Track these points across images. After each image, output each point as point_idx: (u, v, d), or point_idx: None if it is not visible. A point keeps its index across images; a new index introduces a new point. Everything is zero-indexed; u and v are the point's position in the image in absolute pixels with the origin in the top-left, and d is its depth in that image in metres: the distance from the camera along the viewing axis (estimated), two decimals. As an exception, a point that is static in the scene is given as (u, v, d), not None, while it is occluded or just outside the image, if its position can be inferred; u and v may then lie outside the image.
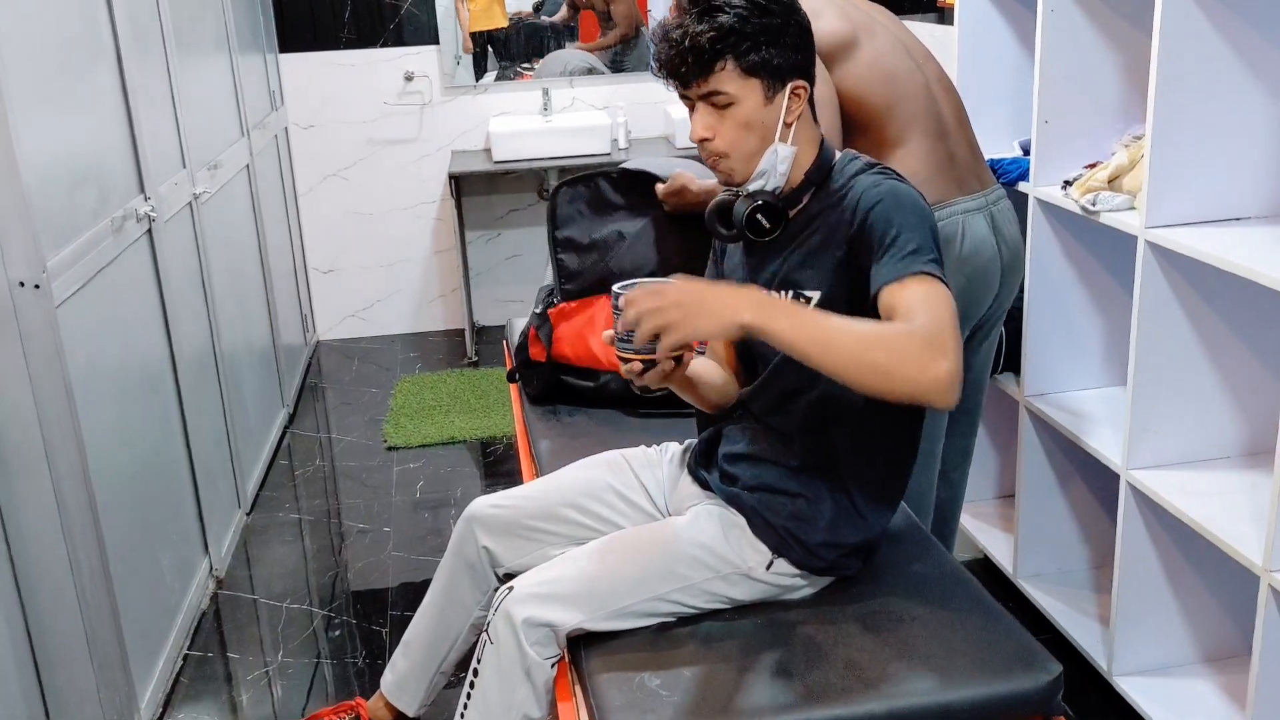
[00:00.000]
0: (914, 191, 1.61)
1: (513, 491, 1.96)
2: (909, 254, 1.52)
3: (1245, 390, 2.14)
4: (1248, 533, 1.90)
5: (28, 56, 2.07)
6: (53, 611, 2.14)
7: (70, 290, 2.14)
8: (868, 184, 1.62)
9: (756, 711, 1.46)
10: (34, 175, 2.02)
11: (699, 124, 1.65)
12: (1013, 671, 1.50)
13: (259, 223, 3.83)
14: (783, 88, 1.63)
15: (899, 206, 1.57)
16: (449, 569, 1.97)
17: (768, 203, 1.67)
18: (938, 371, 1.40)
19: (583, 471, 1.93)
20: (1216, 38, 1.94)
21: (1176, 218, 2.03)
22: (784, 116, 1.64)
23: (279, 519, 3.33)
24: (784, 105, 1.63)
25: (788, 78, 1.63)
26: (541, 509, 1.89)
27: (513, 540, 1.90)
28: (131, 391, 2.49)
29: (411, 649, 2.05)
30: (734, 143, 1.64)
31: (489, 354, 4.60)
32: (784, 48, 1.62)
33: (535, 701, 1.62)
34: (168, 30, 2.91)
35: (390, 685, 2.08)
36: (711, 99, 1.63)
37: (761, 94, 1.62)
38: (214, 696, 2.53)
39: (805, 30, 1.66)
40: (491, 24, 4.68)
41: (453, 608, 1.97)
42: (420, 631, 2.03)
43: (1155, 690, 2.21)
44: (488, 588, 1.94)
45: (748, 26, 1.59)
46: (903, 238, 1.54)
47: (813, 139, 1.70)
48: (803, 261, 1.68)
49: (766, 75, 1.62)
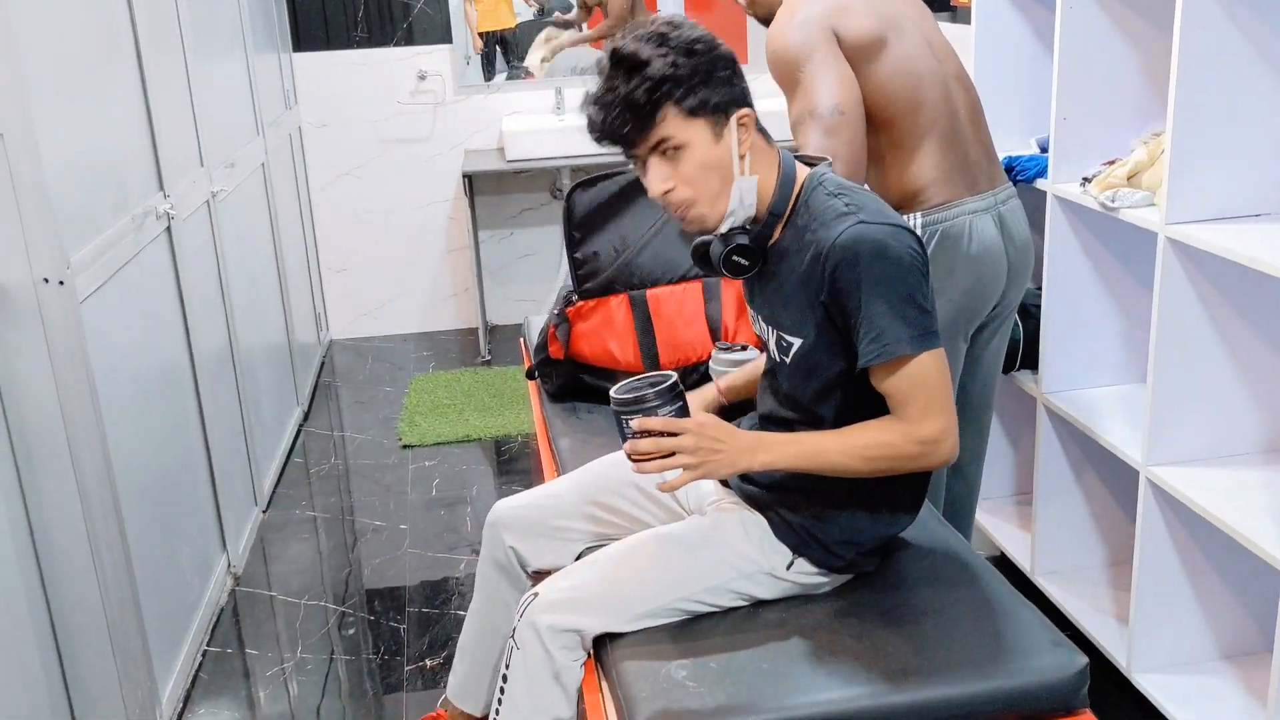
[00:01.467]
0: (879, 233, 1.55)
1: (535, 491, 1.97)
2: (875, 335, 1.54)
3: (1265, 386, 2.14)
4: (1269, 528, 1.90)
5: (51, 56, 2.08)
6: (76, 606, 2.15)
7: (93, 287, 2.15)
8: (832, 235, 1.56)
9: (783, 702, 1.46)
10: (57, 173, 2.03)
11: (654, 179, 1.61)
12: (1038, 664, 1.50)
13: (274, 221, 3.84)
14: (727, 121, 1.60)
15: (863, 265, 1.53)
16: (485, 572, 2.00)
17: (741, 244, 1.65)
18: (934, 458, 1.59)
19: (605, 470, 1.93)
20: (1236, 34, 1.94)
21: (1197, 214, 2.03)
22: (737, 149, 1.61)
23: (295, 516, 3.34)
24: (734, 138, 1.60)
25: (729, 110, 1.60)
26: (565, 508, 1.90)
27: (538, 540, 1.91)
28: (151, 388, 2.50)
29: (466, 653, 2.08)
30: (696, 187, 1.60)
31: (502, 353, 4.61)
32: (718, 83, 1.59)
33: (565, 702, 1.63)
34: (185, 30, 2.92)
35: (455, 690, 2.12)
36: (660, 150, 1.59)
37: (709, 133, 1.59)
38: (233, 692, 2.54)
39: (731, 60, 1.62)
40: (499, 24, 4.69)
41: (495, 609, 2.00)
42: (471, 635, 2.07)
43: (1175, 687, 2.21)
44: (524, 585, 1.95)
45: (679, 70, 1.55)
46: (873, 311, 1.53)
47: (770, 159, 1.66)
48: (784, 301, 1.67)
49: (709, 113, 1.58)
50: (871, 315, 1.53)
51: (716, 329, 2.41)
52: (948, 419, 1.57)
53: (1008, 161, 2.57)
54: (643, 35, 1.58)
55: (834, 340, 1.62)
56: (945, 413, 1.57)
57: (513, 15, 4.69)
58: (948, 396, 1.58)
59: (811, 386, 1.67)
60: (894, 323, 1.53)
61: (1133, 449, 2.22)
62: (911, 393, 1.56)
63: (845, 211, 1.58)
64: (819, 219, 1.60)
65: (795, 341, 1.65)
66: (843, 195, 1.61)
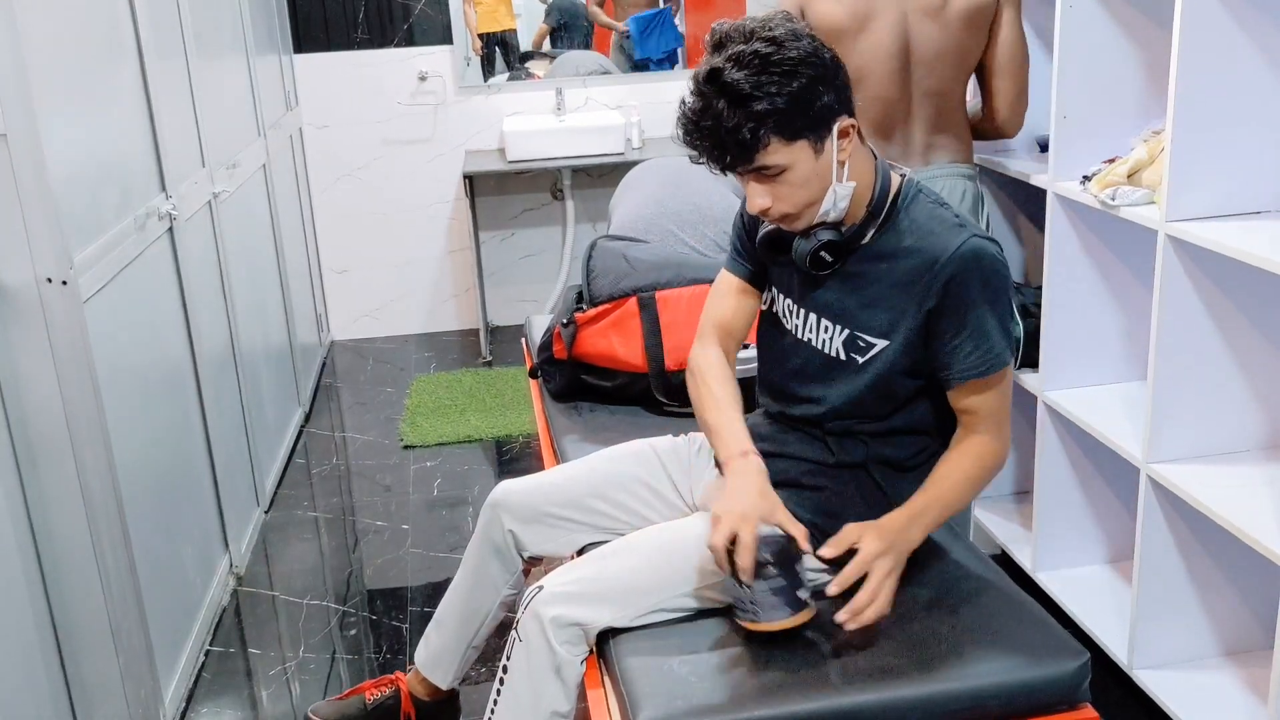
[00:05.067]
0: (993, 251, 1.62)
1: (539, 477, 1.98)
2: (986, 352, 1.61)
3: (1265, 383, 2.15)
4: (1270, 525, 1.90)
5: (54, 57, 2.09)
6: (79, 606, 2.15)
7: (95, 287, 2.16)
8: (951, 245, 1.59)
9: (785, 697, 1.47)
10: (60, 173, 2.03)
11: (755, 197, 1.61)
12: (1040, 659, 1.51)
13: (275, 222, 3.84)
14: (830, 133, 1.58)
15: (979, 282, 1.60)
16: (477, 551, 2.00)
17: (832, 241, 1.65)
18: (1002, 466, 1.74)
19: (611, 464, 1.94)
20: (1237, 31, 1.94)
21: (1197, 211, 2.03)
22: (837, 157, 1.60)
23: (297, 517, 3.34)
24: (834, 148, 1.59)
25: (831, 123, 1.58)
26: (568, 498, 1.90)
27: (538, 527, 1.92)
28: (154, 388, 2.50)
29: (444, 626, 2.09)
30: (795, 203, 1.61)
31: (503, 353, 4.62)
32: (818, 100, 1.56)
33: (564, 697, 1.63)
34: (187, 31, 2.93)
35: (424, 660, 2.12)
36: (762, 173, 1.59)
37: (811, 151, 1.57)
38: (236, 692, 2.55)
39: (829, 66, 1.58)
40: (498, 26, 4.70)
41: (482, 588, 2.00)
42: (451, 610, 2.07)
43: (1176, 683, 2.21)
44: (515, 568, 1.97)
45: (781, 104, 1.53)
46: (982, 325, 1.60)
47: (867, 166, 1.66)
48: (869, 302, 1.66)
49: (811, 133, 1.57)
50: (984, 328, 1.60)
51: None
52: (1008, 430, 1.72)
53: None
54: (745, 59, 1.52)
55: (915, 347, 1.65)
56: (1007, 422, 1.71)
57: (512, 16, 4.70)
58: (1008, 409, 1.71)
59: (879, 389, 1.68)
60: (995, 337, 1.61)
61: (1133, 446, 2.22)
62: (1000, 403, 1.67)
63: (959, 224, 1.63)
64: (927, 227, 1.62)
65: (878, 344, 1.66)
66: (948, 207, 1.67)
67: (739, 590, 1.55)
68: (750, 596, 1.53)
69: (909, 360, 1.65)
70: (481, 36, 4.65)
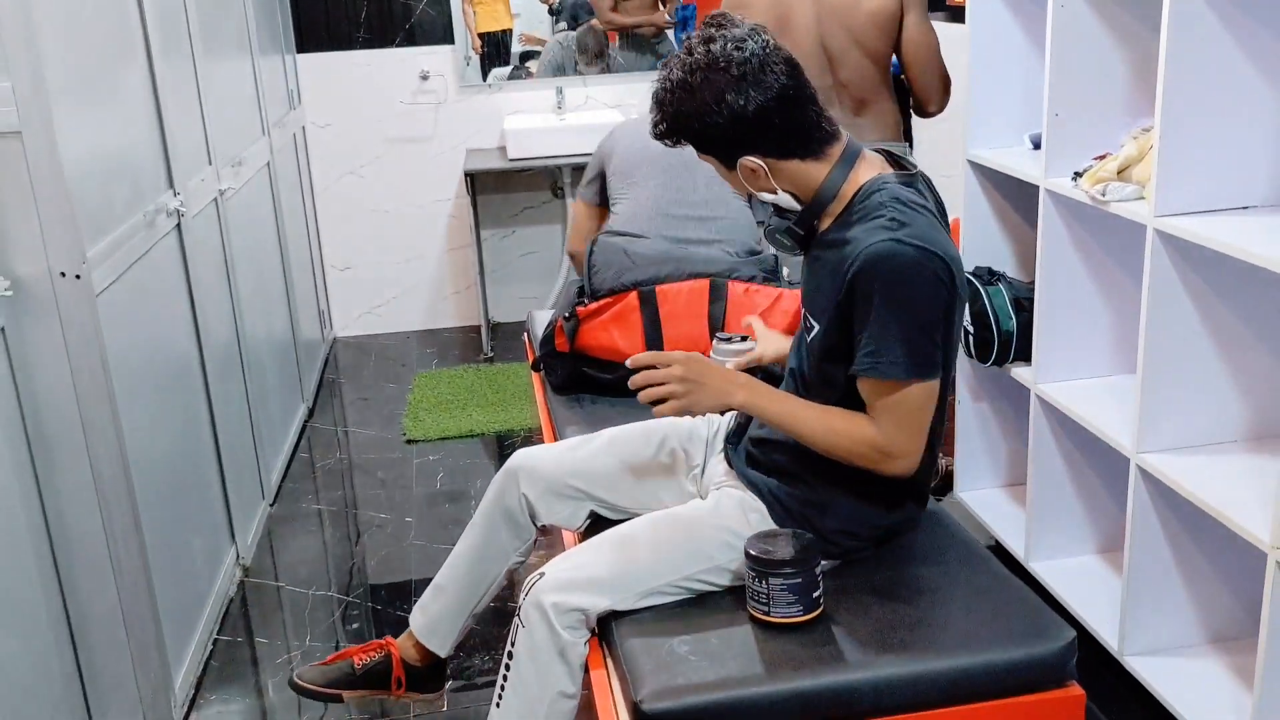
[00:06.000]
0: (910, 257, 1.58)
1: (558, 447, 2.02)
2: (880, 351, 1.60)
3: (1252, 375, 2.20)
4: (1255, 512, 1.95)
5: (66, 56, 2.13)
6: (91, 595, 2.20)
7: (106, 282, 2.20)
8: (865, 243, 1.61)
9: (784, 675, 1.52)
10: (73, 170, 2.08)
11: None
12: (1028, 638, 1.56)
13: (279, 219, 3.89)
14: (734, 165, 1.71)
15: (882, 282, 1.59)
16: (488, 516, 2.03)
17: (788, 226, 1.76)
18: (890, 470, 1.68)
19: (633, 444, 1.99)
20: (1222, 31, 1.99)
21: (1185, 206, 2.08)
22: (746, 185, 1.74)
23: (301, 510, 3.39)
24: (741, 178, 1.73)
25: (735, 158, 1.70)
26: (589, 473, 1.96)
27: (555, 497, 1.96)
28: (163, 382, 2.55)
29: (445, 592, 2.09)
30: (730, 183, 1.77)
31: (504, 350, 4.66)
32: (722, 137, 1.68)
33: (570, 678, 1.68)
34: (194, 31, 2.98)
35: (421, 626, 2.12)
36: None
37: (722, 166, 1.73)
38: (243, 680, 2.59)
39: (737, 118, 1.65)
40: (497, 25, 4.74)
41: (490, 554, 2.03)
42: (455, 576, 2.07)
43: (1164, 669, 2.26)
44: (528, 536, 2.00)
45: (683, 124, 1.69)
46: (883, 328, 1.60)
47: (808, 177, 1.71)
48: (816, 287, 1.75)
49: (716, 156, 1.72)
50: (877, 331, 1.60)
51: (717, 327, 2.47)
52: (915, 445, 1.66)
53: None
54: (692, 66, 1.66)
55: (837, 337, 1.69)
56: (915, 438, 1.65)
57: (510, 16, 4.74)
58: (923, 424, 1.66)
59: (819, 371, 1.74)
60: (895, 345, 1.59)
61: (1123, 437, 2.27)
62: (888, 410, 1.64)
63: (887, 225, 1.61)
64: (863, 223, 1.65)
65: (815, 326, 1.73)
66: (894, 208, 1.63)
67: (756, 583, 1.61)
68: (767, 589, 1.59)
69: (829, 344, 1.71)
70: (481, 35, 4.70)
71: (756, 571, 1.60)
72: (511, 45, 4.76)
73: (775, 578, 1.58)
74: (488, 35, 4.71)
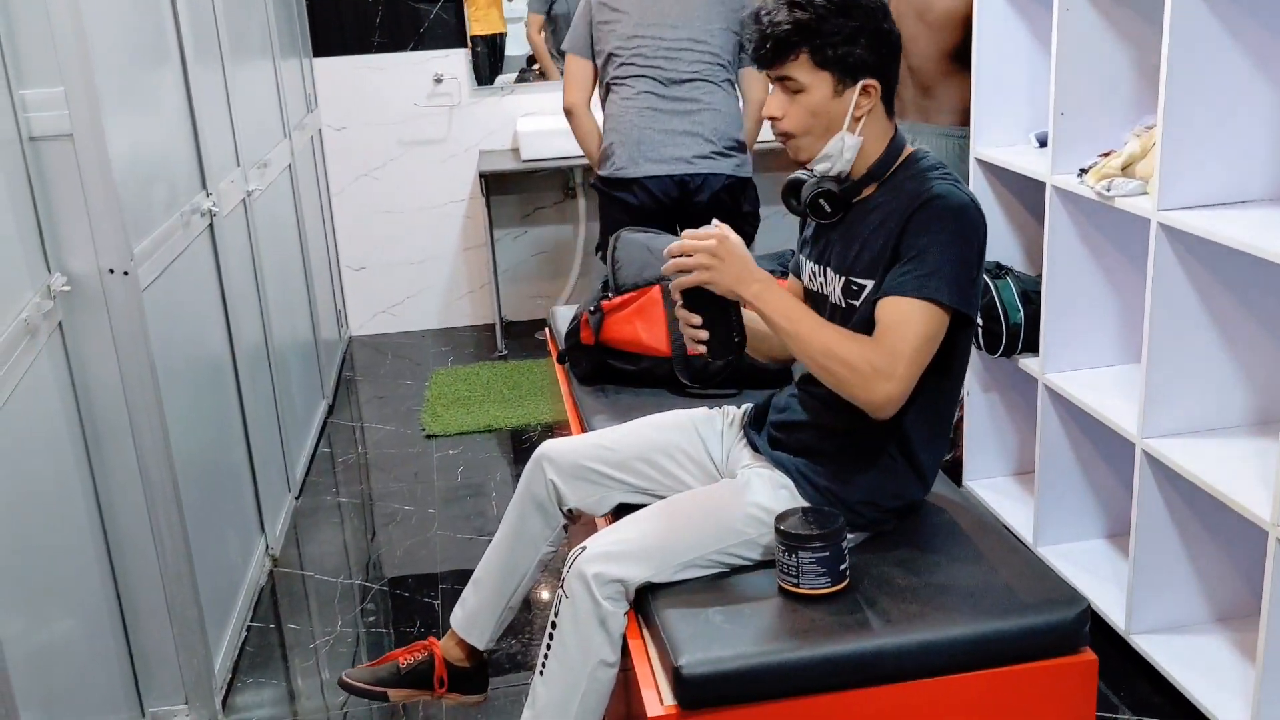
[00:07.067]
0: (965, 201, 1.73)
1: (584, 438, 2.10)
2: (922, 275, 1.70)
3: (1253, 362, 2.28)
4: (1257, 492, 2.03)
5: (110, 61, 2.22)
6: (139, 581, 2.28)
7: (149, 279, 2.28)
8: (923, 187, 1.74)
9: (815, 641, 1.61)
10: (119, 171, 2.16)
11: (772, 103, 1.80)
12: (1043, 607, 1.64)
13: (300, 220, 3.98)
14: (853, 84, 1.75)
15: (939, 217, 1.71)
16: (519, 506, 2.10)
17: (830, 190, 1.82)
18: (876, 395, 1.69)
19: (653, 431, 2.07)
20: (1223, 31, 2.08)
21: (1187, 201, 2.17)
22: (852, 110, 1.77)
23: (326, 502, 3.47)
24: (853, 100, 1.76)
25: (859, 75, 1.75)
26: (612, 458, 2.03)
27: (580, 482, 2.04)
28: (199, 376, 2.63)
29: (482, 585, 2.16)
30: (801, 126, 1.78)
31: (517, 348, 4.75)
32: (858, 48, 1.73)
33: (610, 648, 1.76)
34: (224, 36, 3.06)
35: (461, 622, 2.19)
36: (785, 83, 1.77)
37: (831, 87, 1.75)
38: (277, 664, 2.68)
39: (884, 35, 1.76)
40: (490, 29, 4.82)
41: (522, 544, 2.10)
42: (491, 569, 2.15)
43: (1171, 646, 2.35)
44: (556, 524, 2.08)
45: (825, 25, 1.72)
46: (929, 255, 1.70)
47: (882, 133, 1.81)
48: (861, 249, 1.81)
49: (838, 71, 1.74)
50: (927, 257, 1.70)
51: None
52: (909, 374, 1.69)
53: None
54: None
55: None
56: (912, 367, 1.69)
57: (503, 20, 4.82)
58: (924, 357, 1.71)
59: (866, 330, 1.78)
60: (947, 271, 1.69)
61: (1129, 423, 2.35)
62: (900, 328, 1.69)
63: (941, 178, 1.76)
64: (914, 180, 1.77)
65: (866, 284, 1.79)
66: (942, 168, 1.79)
67: (786, 557, 1.69)
68: (796, 562, 1.67)
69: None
70: (475, 39, 4.77)
71: (787, 546, 1.68)
72: (505, 49, 4.85)
73: (805, 551, 1.67)
74: (481, 39, 4.79)
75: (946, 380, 1.83)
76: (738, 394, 2.45)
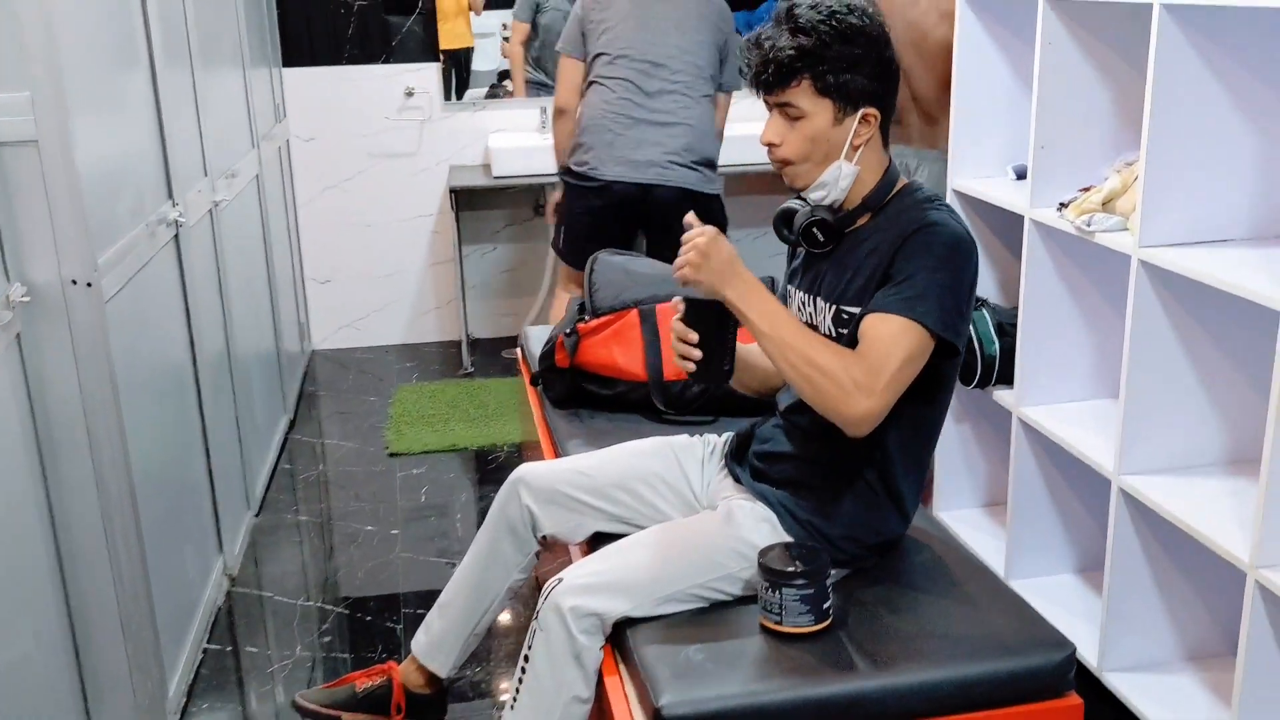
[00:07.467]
0: (959, 234, 1.73)
1: (561, 463, 2.06)
2: (910, 296, 1.68)
3: (1230, 400, 2.28)
4: (1234, 533, 2.03)
5: (80, 66, 2.16)
6: (92, 599, 2.20)
7: (113, 291, 2.22)
8: (918, 216, 1.73)
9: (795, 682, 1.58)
10: (86, 178, 2.10)
11: (770, 129, 1.78)
12: (1029, 649, 1.62)
13: (266, 232, 3.91)
14: (854, 112, 1.74)
15: (931, 245, 1.70)
16: (491, 530, 2.06)
17: (824, 219, 1.80)
18: (854, 410, 1.65)
19: (631, 458, 2.03)
20: (1206, 70, 2.08)
21: (1168, 238, 2.17)
22: (851, 139, 1.75)
23: (286, 520, 3.40)
24: (853, 128, 1.75)
25: (860, 104, 1.74)
26: (589, 484, 1.99)
27: (556, 508, 2.00)
28: (161, 389, 2.57)
29: (448, 610, 2.11)
30: (799, 153, 1.76)
31: (484, 365, 4.69)
32: (860, 76, 1.72)
33: (584, 683, 1.72)
34: (193, 44, 3.00)
35: (423, 647, 2.13)
36: (785, 109, 1.75)
37: (832, 114, 1.74)
38: (233, 689, 2.60)
39: (886, 64, 1.76)
40: (458, 43, 4.79)
41: (494, 568, 2.06)
42: (458, 592, 2.10)
43: (1143, 685, 2.34)
44: (529, 550, 2.03)
45: (828, 52, 1.70)
46: (918, 278, 1.68)
47: (878, 163, 1.81)
48: (853, 277, 1.79)
49: (839, 98, 1.73)
50: (916, 280, 1.68)
51: None
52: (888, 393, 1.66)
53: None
54: (822, 6, 1.72)
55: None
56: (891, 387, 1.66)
57: (471, 35, 4.79)
58: (904, 379, 1.67)
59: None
60: (934, 297, 1.67)
61: (1105, 459, 2.34)
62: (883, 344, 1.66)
63: (936, 209, 1.75)
64: (909, 210, 1.76)
65: (856, 311, 1.76)
66: (938, 200, 1.79)
67: (769, 593, 1.66)
68: (780, 599, 1.64)
69: None
70: (443, 54, 4.74)
71: (770, 582, 1.65)
72: (473, 64, 4.82)
73: (789, 588, 1.63)
74: (449, 54, 4.75)
75: (931, 411, 1.81)
76: (714, 421, 2.42)
